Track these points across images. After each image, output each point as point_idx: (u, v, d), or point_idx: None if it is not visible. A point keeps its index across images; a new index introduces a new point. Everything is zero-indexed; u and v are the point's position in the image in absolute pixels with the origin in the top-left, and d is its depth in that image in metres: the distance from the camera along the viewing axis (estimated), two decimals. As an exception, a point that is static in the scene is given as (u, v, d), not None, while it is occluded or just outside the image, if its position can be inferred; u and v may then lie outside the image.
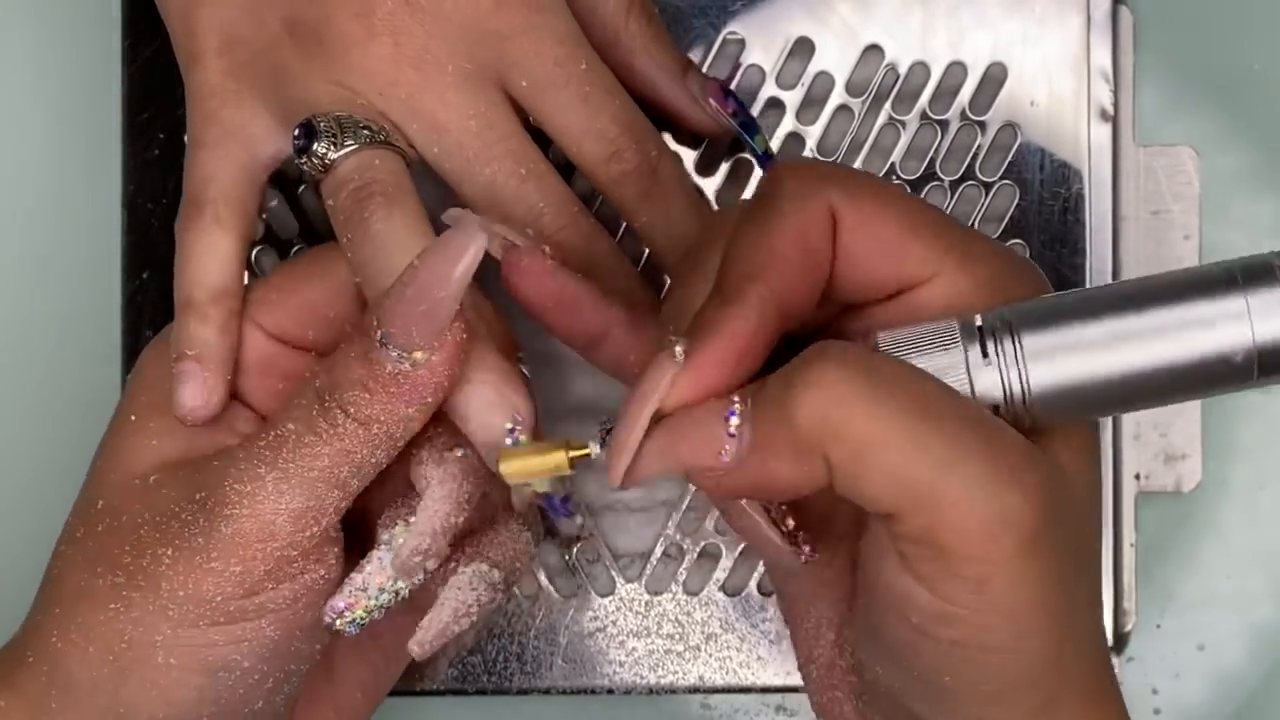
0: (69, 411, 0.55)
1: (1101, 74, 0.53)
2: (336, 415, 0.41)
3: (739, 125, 0.50)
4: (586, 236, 0.46)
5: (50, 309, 0.56)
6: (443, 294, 0.40)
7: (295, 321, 0.46)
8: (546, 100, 0.46)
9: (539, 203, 0.46)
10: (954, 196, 0.53)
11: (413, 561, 0.42)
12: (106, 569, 0.43)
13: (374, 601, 0.43)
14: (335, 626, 0.43)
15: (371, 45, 0.45)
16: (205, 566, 0.42)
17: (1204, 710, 0.55)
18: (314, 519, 0.42)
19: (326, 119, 0.44)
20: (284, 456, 0.42)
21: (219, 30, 0.46)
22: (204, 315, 0.45)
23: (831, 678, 0.42)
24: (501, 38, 0.46)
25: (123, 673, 0.43)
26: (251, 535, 0.42)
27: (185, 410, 0.45)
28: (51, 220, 0.56)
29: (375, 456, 0.42)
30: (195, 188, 0.46)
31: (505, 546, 0.45)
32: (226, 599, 0.42)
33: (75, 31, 0.56)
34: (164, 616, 0.42)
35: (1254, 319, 0.35)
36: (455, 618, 0.44)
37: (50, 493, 0.48)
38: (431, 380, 0.41)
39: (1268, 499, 0.54)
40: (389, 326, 0.40)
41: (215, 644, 0.43)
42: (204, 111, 0.46)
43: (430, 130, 0.45)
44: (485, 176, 0.46)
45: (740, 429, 0.37)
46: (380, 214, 0.43)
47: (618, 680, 0.53)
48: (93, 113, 0.55)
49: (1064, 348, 0.37)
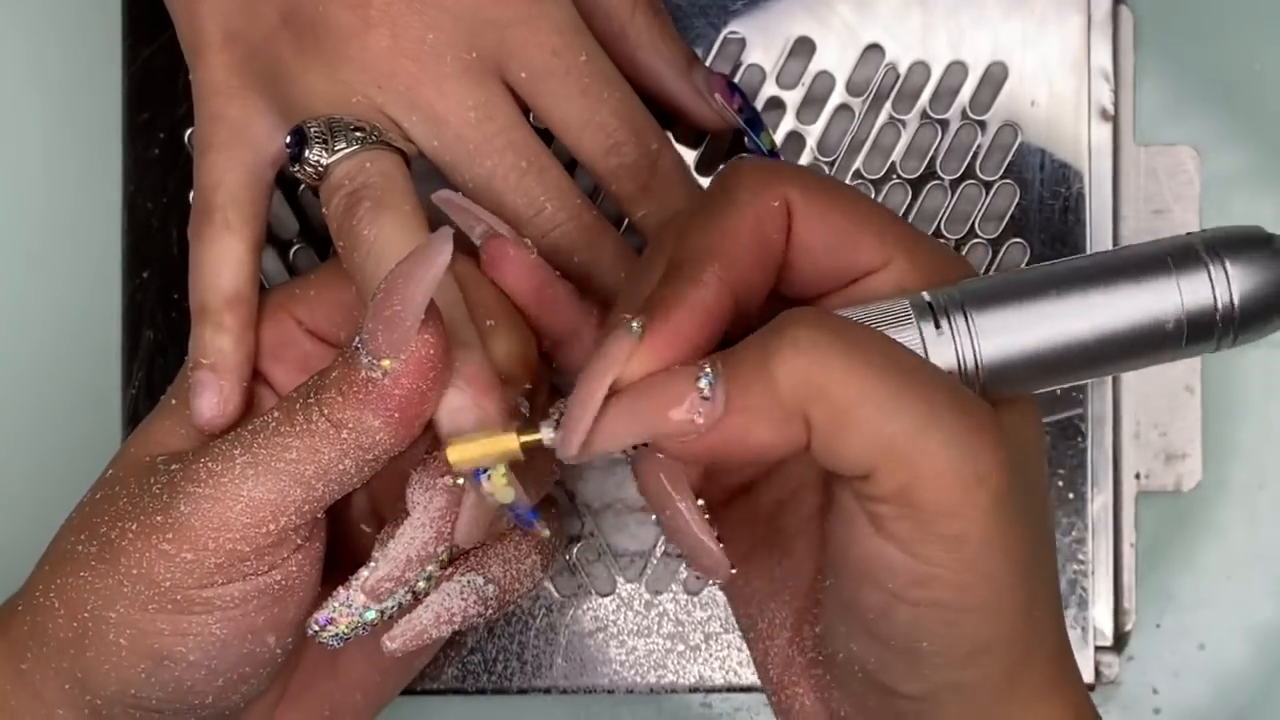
0: (69, 411, 0.55)
1: (1102, 74, 0.53)
2: (313, 411, 0.41)
3: (744, 121, 0.50)
4: (588, 229, 0.46)
5: (50, 308, 0.56)
6: (406, 300, 0.39)
7: (328, 320, 0.47)
8: (545, 91, 0.46)
9: (540, 195, 0.46)
10: (954, 196, 0.53)
11: (383, 588, 0.42)
12: (89, 536, 0.43)
13: (359, 618, 0.43)
14: (319, 639, 0.43)
15: (368, 37, 0.45)
16: (159, 548, 0.42)
17: (1204, 710, 0.55)
18: (272, 515, 0.42)
19: (317, 123, 0.44)
20: (259, 442, 0.42)
21: (220, 23, 0.46)
22: (219, 323, 0.45)
23: (790, 674, 0.43)
24: (500, 27, 0.45)
25: (83, 640, 0.43)
26: (207, 519, 0.41)
27: (203, 419, 0.45)
28: (52, 220, 0.56)
29: (343, 464, 0.41)
30: (204, 194, 0.46)
31: (508, 564, 0.45)
32: (175, 586, 0.42)
33: (76, 32, 0.56)
34: (120, 594, 0.42)
35: (1183, 292, 0.38)
36: (436, 622, 0.43)
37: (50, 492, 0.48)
38: (396, 392, 0.40)
39: (1267, 499, 0.54)
40: (364, 332, 0.40)
41: (161, 632, 0.42)
42: (209, 110, 0.46)
43: (429, 123, 0.45)
44: (486, 169, 0.45)
45: (714, 390, 0.37)
46: (368, 219, 0.43)
47: (618, 680, 0.53)
48: (93, 113, 0.55)
49: (1012, 321, 0.39)
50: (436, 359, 0.40)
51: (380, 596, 0.42)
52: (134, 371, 0.53)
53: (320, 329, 0.47)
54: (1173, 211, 0.54)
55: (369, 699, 0.49)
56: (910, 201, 0.53)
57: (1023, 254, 0.52)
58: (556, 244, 0.46)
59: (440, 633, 0.44)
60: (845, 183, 0.43)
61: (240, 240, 0.46)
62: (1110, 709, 0.54)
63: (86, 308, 0.55)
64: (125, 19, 0.53)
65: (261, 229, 0.47)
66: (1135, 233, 0.53)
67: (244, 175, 0.46)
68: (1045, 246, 0.52)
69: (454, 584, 0.44)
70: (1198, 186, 0.54)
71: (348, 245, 0.43)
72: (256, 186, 0.46)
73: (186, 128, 0.53)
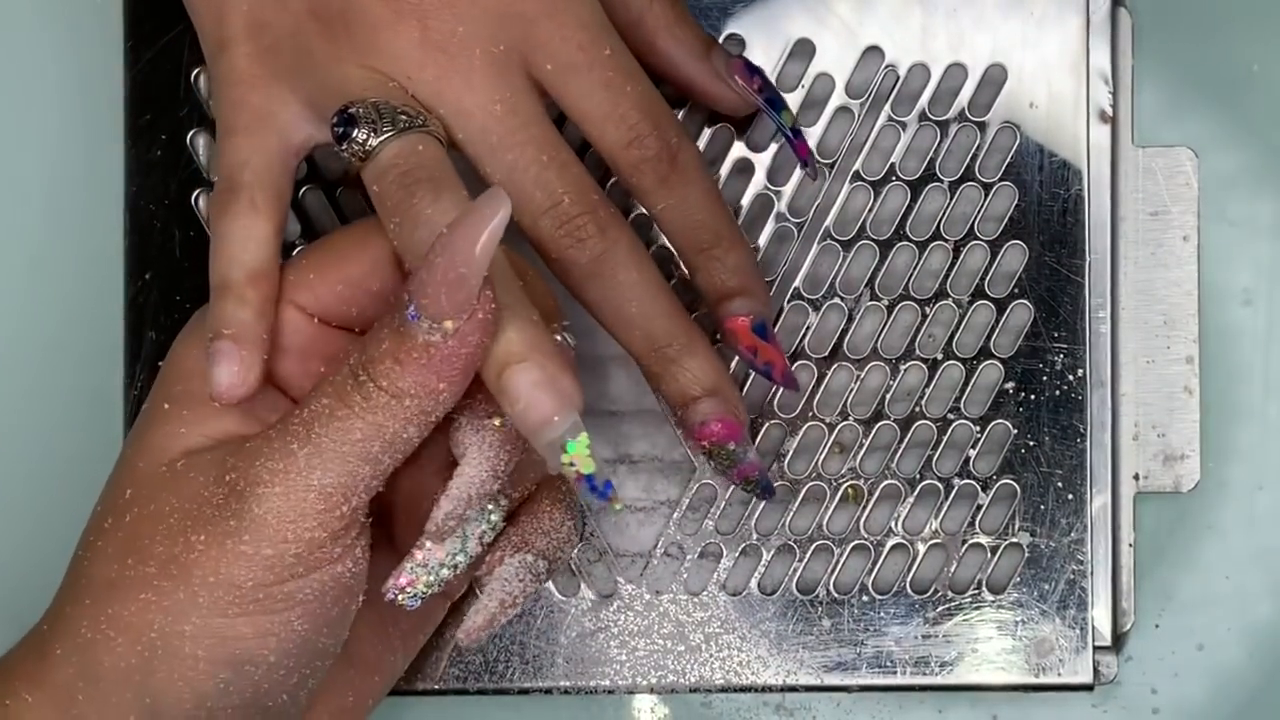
0: (70, 413, 0.55)
1: (1100, 75, 0.53)
2: (369, 388, 0.41)
3: (764, 100, 0.50)
4: (604, 225, 0.46)
5: (52, 311, 0.56)
6: (470, 260, 0.40)
7: (338, 299, 0.46)
8: (570, 85, 0.46)
9: (559, 189, 0.46)
10: (954, 197, 0.53)
11: (448, 526, 0.43)
12: (138, 559, 0.43)
13: (433, 576, 0.44)
14: (398, 601, 0.44)
15: (399, 28, 0.45)
16: (237, 550, 0.42)
17: (1203, 710, 0.55)
18: (344, 497, 0.42)
19: (364, 105, 0.44)
20: (316, 431, 0.42)
21: (246, 15, 0.46)
22: (241, 296, 0.45)
23: None
24: (527, 21, 0.46)
25: (151, 663, 0.43)
26: (284, 514, 0.42)
27: (222, 389, 0.44)
28: (53, 222, 0.56)
29: (408, 431, 0.42)
30: (229, 172, 0.46)
31: (550, 535, 0.46)
32: (257, 585, 0.42)
33: (77, 34, 0.56)
34: (194, 605, 0.42)
35: None
36: (502, 608, 0.46)
37: (51, 493, 0.48)
38: (461, 350, 0.41)
39: (1266, 499, 0.54)
40: (420, 298, 0.40)
41: (243, 636, 0.43)
42: (233, 98, 0.46)
43: (456, 115, 0.45)
44: (507, 162, 0.46)
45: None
46: (429, 198, 0.43)
47: (618, 680, 0.53)
48: (95, 115, 0.55)
49: None
50: (496, 313, 0.41)
51: (445, 535, 0.43)
52: (136, 373, 0.53)
53: (328, 311, 0.46)
54: (1171, 213, 0.54)
55: (384, 680, 0.49)
56: (910, 203, 0.53)
57: (1022, 255, 0.53)
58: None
59: (507, 617, 0.46)
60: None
61: (265, 220, 0.46)
62: (1109, 709, 0.54)
63: (88, 310, 0.55)
64: (126, 21, 0.53)
65: (284, 213, 0.47)
66: (1134, 233, 0.53)
67: (269, 158, 0.46)
68: (1044, 248, 0.53)
69: (508, 568, 0.46)
70: (1196, 188, 0.54)
71: (406, 223, 0.43)
72: (282, 171, 0.46)
73: (188, 130, 0.53)
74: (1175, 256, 0.54)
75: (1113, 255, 0.53)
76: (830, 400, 0.53)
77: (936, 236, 0.53)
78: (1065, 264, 0.53)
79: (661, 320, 0.47)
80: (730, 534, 0.53)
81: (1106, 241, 0.53)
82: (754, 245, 0.53)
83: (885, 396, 0.53)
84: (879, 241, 0.53)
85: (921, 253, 0.53)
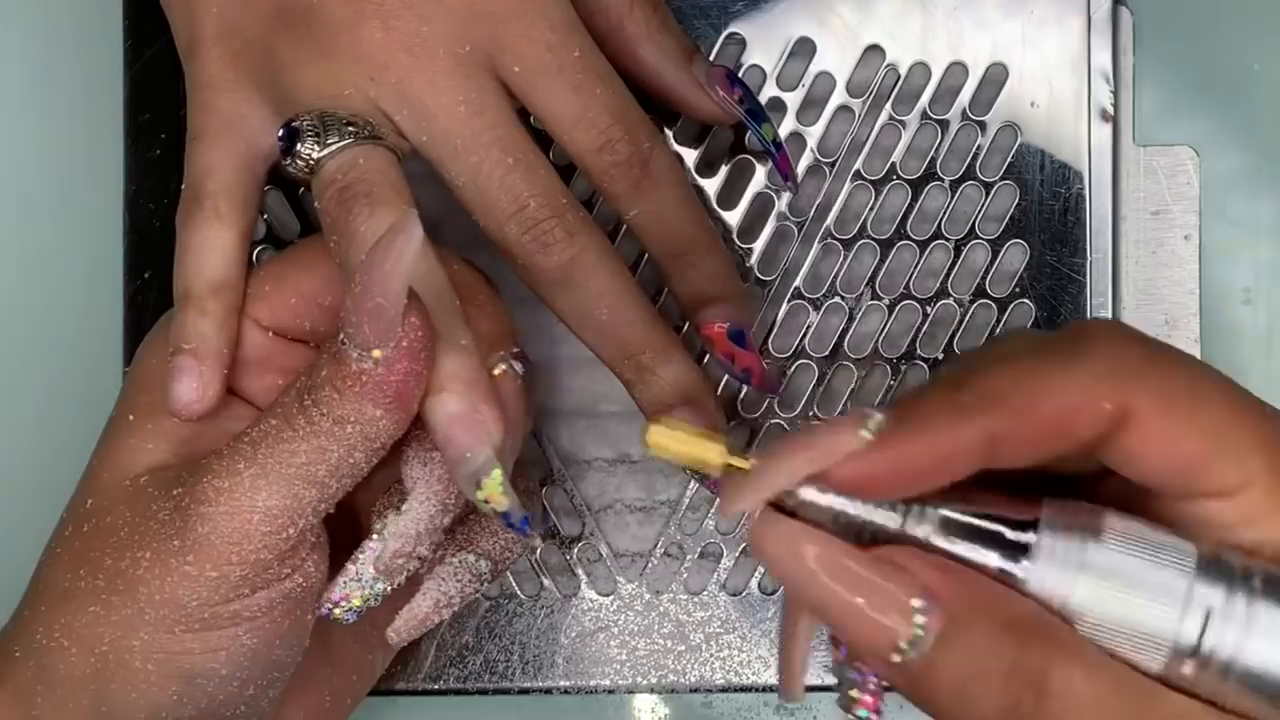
0: (70, 412, 0.55)
1: (1101, 74, 0.53)
2: (312, 412, 0.41)
3: (745, 112, 0.50)
4: (572, 229, 0.45)
5: (52, 309, 0.56)
6: (386, 290, 0.39)
7: (291, 312, 0.46)
8: (538, 87, 0.45)
9: (525, 192, 0.44)
10: (954, 196, 0.53)
11: (395, 564, 0.42)
12: (89, 571, 0.43)
13: (369, 590, 0.43)
14: (332, 616, 0.43)
15: (361, 29, 0.44)
16: (180, 570, 0.41)
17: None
18: (290, 520, 0.41)
19: (310, 117, 0.44)
20: (263, 452, 0.41)
21: (217, 17, 0.45)
22: (203, 308, 0.45)
23: None
24: (494, 21, 0.44)
25: (103, 674, 0.42)
26: (227, 536, 0.41)
27: (180, 405, 0.44)
28: (53, 221, 0.56)
29: (353, 457, 0.41)
30: (195, 180, 0.46)
31: (497, 535, 0.45)
32: (202, 605, 0.42)
33: (77, 33, 0.56)
34: (141, 621, 0.42)
35: None
36: (436, 608, 0.44)
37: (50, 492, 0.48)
38: (392, 379, 0.40)
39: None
40: (347, 326, 0.40)
41: (191, 651, 0.42)
42: (201, 101, 0.46)
43: (419, 117, 0.44)
44: (471, 165, 0.44)
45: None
46: (364, 214, 0.42)
47: (618, 680, 0.53)
48: (95, 114, 0.55)
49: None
50: (425, 339, 0.40)
51: (394, 573, 0.43)
52: (135, 372, 0.53)
53: (282, 324, 0.46)
54: (1172, 212, 0.54)
55: (364, 679, 0.49)
56: (910, 202, 0.53)
57: (1023, 255, 0.53)
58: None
59: (441, 617, 0.44)
60: (1221, 377, 0.36)
61: (230, 229, 0.45)
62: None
63: (88, 308, 0.55)
64: (126, 20, 0.53)
65: (252, 220, 0.46)
66: (1135, 233, 0.53)
67: (237, 165, 0.46)
68: (1045, 247, 0.53)
69: (447, 567, 0.44)
70: (1196, 187, 0.54)
71: (342, 241, 0.43)
72: (249, 178, 0.46)
73: (188, 130, 0.53)
74: (1176, 256, 0.54)
75: (1114, 254, 0.53)
76: (831, 400, 0.53)
77: (937, 236, 0.53)
78: (1066, 263, 0.52)
79: (633, 327, 0.46)
80: (730, 534, 0.53)
81: (1107, 241, 0.53)
82: (754, 245, 0.53)
83: (887, 396, 0.53)
84: (880, 241, 0.53)
85: (922, 252, 0.53)
